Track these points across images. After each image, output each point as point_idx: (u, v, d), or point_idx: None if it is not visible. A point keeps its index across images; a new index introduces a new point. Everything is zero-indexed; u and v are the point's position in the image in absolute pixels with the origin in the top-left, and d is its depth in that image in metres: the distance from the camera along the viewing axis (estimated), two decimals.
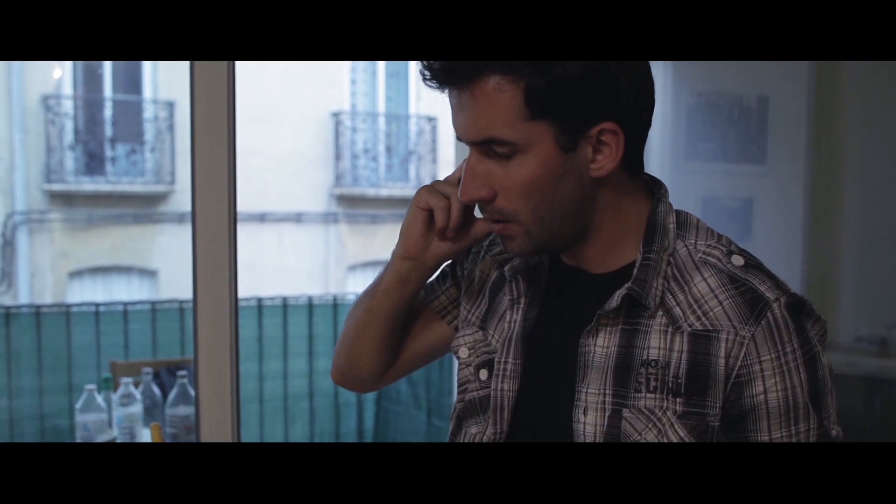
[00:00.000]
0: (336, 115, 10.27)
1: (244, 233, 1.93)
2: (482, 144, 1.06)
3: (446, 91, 1.07)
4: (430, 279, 1.29)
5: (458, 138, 1.10)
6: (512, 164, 1.06)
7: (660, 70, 1.05)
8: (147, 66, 9.49)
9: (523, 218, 1.08)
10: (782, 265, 2.41)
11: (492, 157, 1.07)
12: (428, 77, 1.06)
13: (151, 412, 2.93)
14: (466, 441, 1.22)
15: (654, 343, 1.07)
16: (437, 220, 1.16)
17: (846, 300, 2.48)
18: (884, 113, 2.42)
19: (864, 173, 2.45)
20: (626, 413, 1.07)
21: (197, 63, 1.84)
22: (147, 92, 9.54)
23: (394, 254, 1.23)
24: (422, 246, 1.20)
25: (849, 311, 2.46)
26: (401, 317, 1.27)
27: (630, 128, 1.07)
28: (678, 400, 1.05)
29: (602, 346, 1.09)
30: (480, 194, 1.09)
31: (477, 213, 1.18)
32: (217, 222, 1.91)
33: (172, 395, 2.84)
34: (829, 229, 2.50)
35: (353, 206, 10.38)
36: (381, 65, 10.68)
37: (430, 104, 10.51)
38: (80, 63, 9.36)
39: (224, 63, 1.84)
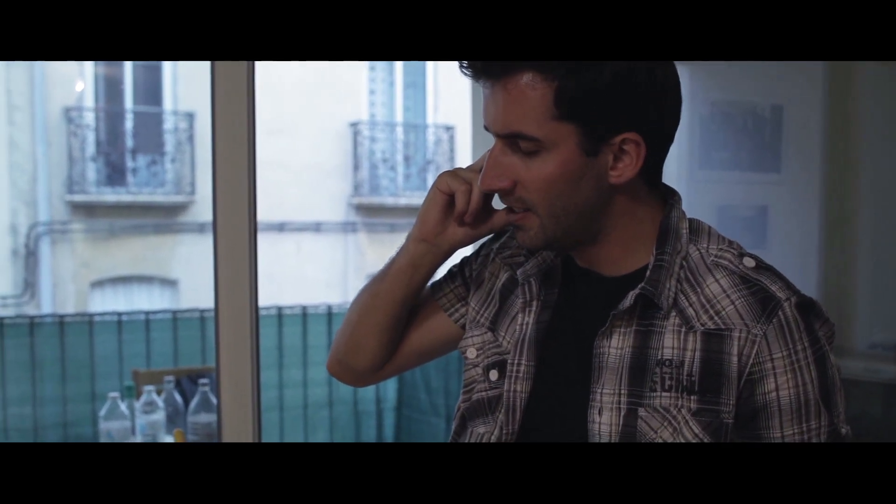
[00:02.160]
0: (354, 125, 10.32)
1: (264, 242, 1.96)
2: (508, 138, 1.09)
3: (479, 81, 1.09)
4: (437, 279, 1.31)
5: (486, 128, 1.12)
6: (534, 161, 1.08)
7: None
8: (167, 77, 9.58)
9: (540, 210, 1.10)
10: (798, 273, 2.42)
11: (515, 151, 1.09)
12: (464, 66, 1.08)
13: (174, 420, 2.97)
14: (472, 440, 1.22)
15: (668, 343, 1.09)
16: (458, 203, 1.17)
17: (862, 307, 2.48)
18: None
19: (879, 181, 2.46)
20: (641, 412, 1.09)
21: (217, 73, 1.87)
22: (167, 103, 9.62)
23: (409, 237, 1.24)
24: (439, 229, 1.21)
25: (864, 318, 2.46)
26: (407, 305, 1.27)
27: (652, 140, 1.09)
28: (693, 398, 1.07)
29: (616, 347, 1.11)
30: (501, 184, 1.11)
31: (496, 204, 1.19)
32: (238, 232, 1.93)
33: (194, 402, 2.87)
34: (843, 237, 2.51)
35: (371, 215, 10.42)
36: (399, 74, 10.73)
37: (448, 113, 10.55)
38: (101, 75, 9.46)
39: (244, 70, 1.86)
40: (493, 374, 1.21)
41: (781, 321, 1.06)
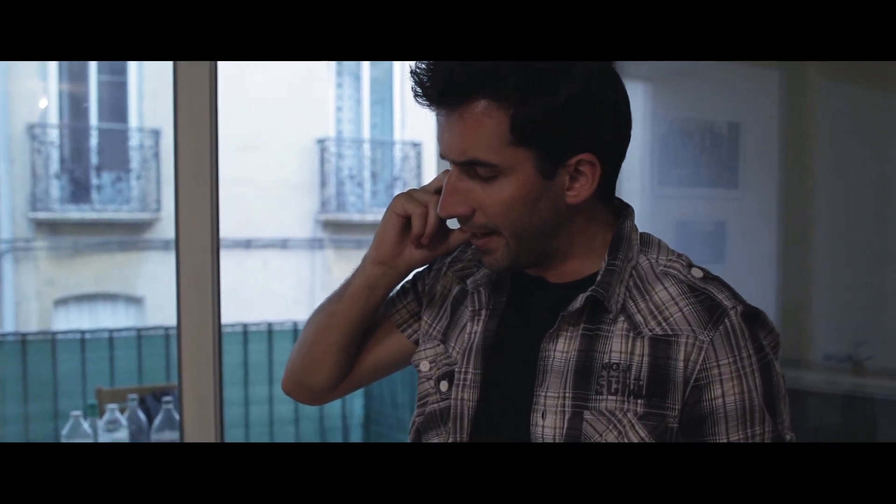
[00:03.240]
0: (321, 141, 10.32)
1: (230, 260, 1.96)
2: (465, 165, 1.10)
3: (434, 110, 1.11)
4: (390, 295, 1.31)
5: (442, 156, 1.13)
6: (492, 185, 1.10)
7: (633, 98, 1.11)
8: (133, 94, 9.52)
9: (504, 232, 1.12)
10: (756, 286, 2.46)
11: (473, 176, 1.11)
12: (419, 94, 1.09)
13: (137, 438, 2.95)
14: None
15: (616, 347, 1.11)
16: (415, 226, 1.19)
17: (818, 320, 2.52)
18: (854, 135, 2.47)
19: (835, 196, 2.50)
20: (587, 415, 1.10)
21: (180, 85, 1.87)
22: (133, 120, 9.57)
23: (365, 258, 1.25)
24: (395, 252, 1.22)
25: (821, 331, 2.50)
26: (362, 325, 1.28)
27: (606, 160, 1.12)
28: (639, 402, 1.09)
29: (562, 350, 1.13)
30: (459, 210, 1.13)
31: (451, 224, 1.21)
32: (200, 250, 1.93)
33: (158, 420, 2.86)
34: (800, 251, 2.55)
35: (338, 231, 10.41)
36: (366, 91, 10.75)
37: (415, 130, 10.58)
38: (65, 92, 9.39)
39: (206, 82, 1.86)
40: (444, 385, 1.22)
41: (728, 328, 1.09)
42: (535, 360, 1.15)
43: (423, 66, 1.08)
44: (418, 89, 1.09)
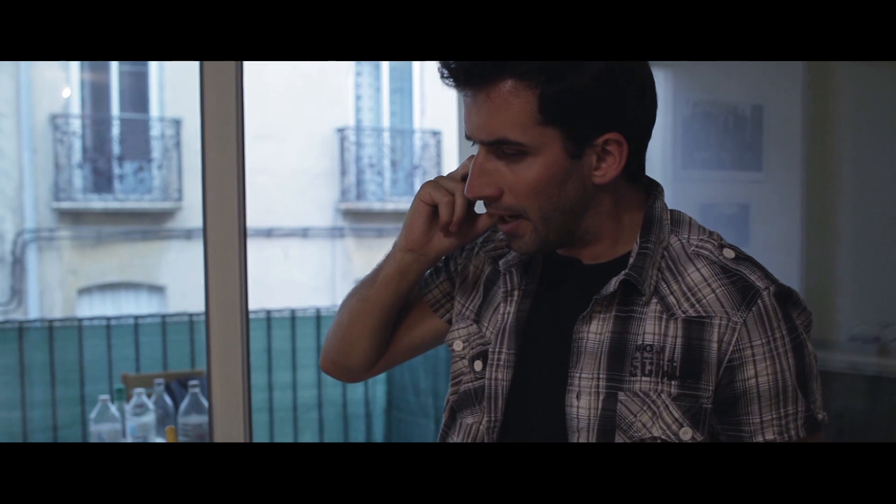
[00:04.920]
0: (341, 130, 10.35)
1: (251, 248, 1.98)
2: (493, 144, 1.11)
3: (461, 91, 1.11)
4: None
5: (468, 137, 1.14)
6: (520, 166, 1.10)
7: (657, 81, 1.11)
8: (154, 84, 9.58)
9: (532, 215, 1.12)
10: (780, 268, 2.45)
11: (500, 157, 1.11)
12: (446, 75, 1.10)
13: (164, 422, 2.99)
14: (461, 432, 1.25)
15: (650, 329, 1.12)
16: (442, 214, 1.19)
17: (843, 301, 2.52)
18: (878, 118, 2.46)
19: (859, 177, 2.50)
20: (621, 396, 1.12)
21: (206, 76, 1.89)
22: (154, 110, 9.63)
23: (395, 245, 1.26)
24: (424, 239, 1.22)
25: (846, 312, 2.50)
26: (396, 308, 1.29)
27: (633, 139, 1.12)
28: (673, 382, 1.10)
29: (595, 332, 1.14)
30: (487, 192, 1.13)
31: (478, 208, 1.21)
32: (228, 238, 1.95)
33: (185, 404, 2.89)
34: (824, 233, 2.54)
35: (358, 220, 10.44)
36: (386, 80, 10.76)
37: (435, 118, 10.58)
38: (87, 82, 9.45)
39: (233, 74, 1.88)
40: (478, 365, 1.23)
41: (760, 309, 1.10)
42: (568, 342, 1.16)
43: None
44: (445, 71, 1.10)
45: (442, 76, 1.10)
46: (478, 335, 1.25)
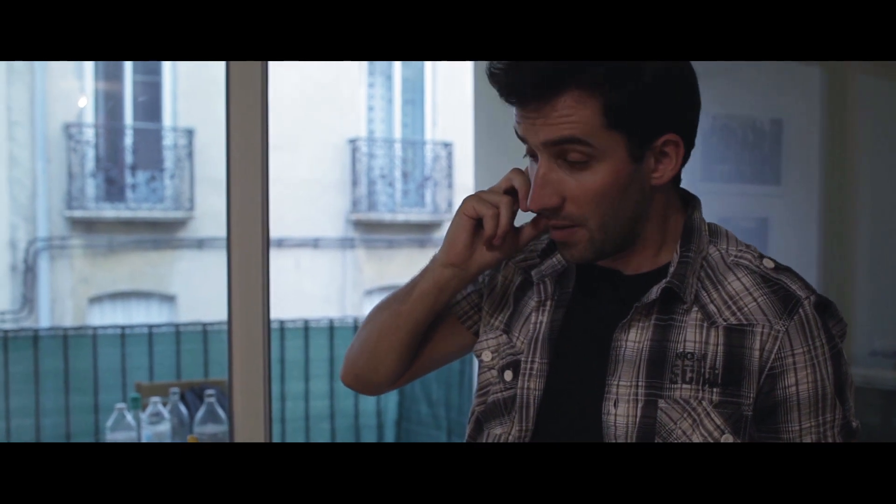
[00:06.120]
0: (353, 141, 10.36)
1: None
2: (561, 144, 1.09)
3: (524, 107, 1.10)
4: None
5: (530, 153, 1.13)
6: (584, 174, 1.10)
7: None
8: (167, 94, 9.62)
9: (591, 223, 1.12)
10: None
11: (563, 166, 1.11)
12: (510, 92, 1.09)
13: (179, 431, 2.99)
14: (489, 441, 1.24)
15: (690, 337, 1.12)
16: (487, 228, 1.18)
17: (861, 316, 2.52)
18: (895, 133, 2.47)
19: (877, 192, 2.50)
20: (661, 403, 1.12)
21: (232, 83, 1.90)
22: (167, 120, 9.65)
23: (434, 260, 1.25)
24: (467, 254, 1.21)
25: (864, 327, 2.50)
26: (427, 323, 1.28)
27: (687, 139, 1.14)
28: (715, 390, 1.11)
29: (634, 340, 1.14)
30: (552, 202, 1.12)
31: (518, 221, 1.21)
32: (251, 247, 1.96)
33: (201, 413, 2.89)
34: (842, 247, 2.55)
35: (369, 231, 10.44)
36: (398, 91, 10.78)
37: (446, 130, 10.59)
38: (101, 91, 9.50)
39: (259, 81, 1.89)
40: (508, 375, 1.23)
41: (802, 318, 1.11)
42: (604, 350, 1.16)
43: (502, 65, 1.08)
44: (509, 88, 1.09)
45: (505, 94, 1.09)
46: (507, 345, 1.25)
